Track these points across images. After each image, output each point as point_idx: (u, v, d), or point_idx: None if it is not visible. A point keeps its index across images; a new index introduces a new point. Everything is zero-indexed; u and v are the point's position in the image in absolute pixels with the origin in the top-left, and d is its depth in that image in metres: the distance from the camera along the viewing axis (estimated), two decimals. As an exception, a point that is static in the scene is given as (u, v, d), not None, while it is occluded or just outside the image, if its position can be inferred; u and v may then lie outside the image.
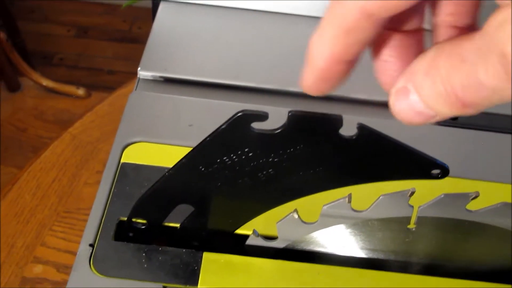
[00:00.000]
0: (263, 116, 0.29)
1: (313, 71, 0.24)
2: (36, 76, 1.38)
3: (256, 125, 0.29)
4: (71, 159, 0.78)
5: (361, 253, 0.37)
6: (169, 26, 0.54)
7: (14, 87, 1.40)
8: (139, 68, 0.50)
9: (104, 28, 1.83)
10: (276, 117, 0.29)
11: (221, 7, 0.56)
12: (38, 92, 1.40)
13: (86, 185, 0.70)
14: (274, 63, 0.52)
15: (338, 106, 0.50)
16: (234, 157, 0.31)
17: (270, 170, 0.32)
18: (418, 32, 0.23)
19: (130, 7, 1.85)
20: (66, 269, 0.61)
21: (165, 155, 0.42)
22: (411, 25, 0.23)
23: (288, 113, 0.29)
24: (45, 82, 1.37)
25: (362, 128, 0.29)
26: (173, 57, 0.51)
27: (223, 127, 0.30)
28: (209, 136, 0.30)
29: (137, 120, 0.45)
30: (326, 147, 0.31)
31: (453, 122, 0.48)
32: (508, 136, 0.46)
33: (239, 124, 0.29)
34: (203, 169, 0.32)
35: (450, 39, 0.20)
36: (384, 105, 0.49)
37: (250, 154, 0.31)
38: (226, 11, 0.56)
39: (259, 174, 0.32)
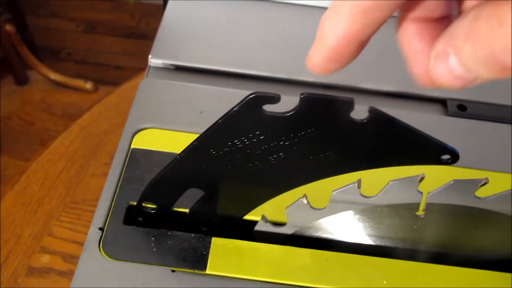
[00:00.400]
0: (275, 98, 0.29)
1: (324, 49, 0.24)
2: (44, 69, 1.39)
3: (268, 108, 0.30)
4: (79, 151, 0.78)
5: (369, 240, 0.37)
6: (181, 14, 0.54)
7: (22, 81, 1.41)
8: (150, 56, 0.50)
9: (112, 24, 1.84)
10: (287, 105, 0.29)
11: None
12: (46, 86, 1.40)
13: (94, 176, 0.71)
14: (284, 52, 0.52)
15: (349, 96, 0.50)
16: (245, 140, 0.31)
17: (280, 154, 0.32)
18: (448, 18, 0.23)
19: (138, 4, 1.86)
20: (72, 259, 0.61)
21: (175, 141, 0.43)
22: (439, 11, 0.23)
23: (300, 96, 0.29)
24: (53, 76, 1.37)
25: (373, 111, 0.29)
26: (184, 45, 0.51)
27: (235, 109, 0.30)
28: (220, 118, 0.30)
29: (147, 107, 0.45)
30: (337, 130, 0.31)
31: (462, 113, 0.48)
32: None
33: (251, 106, 0.29)
34: (214, 152, 0.32)
35: (489, 0, 0.19)
36: (394, 95, 0.49)
37: (261, 138, 0.31)
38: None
39: (270, 158, 0.32)
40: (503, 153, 0.44)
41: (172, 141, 0.43)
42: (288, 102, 0.29)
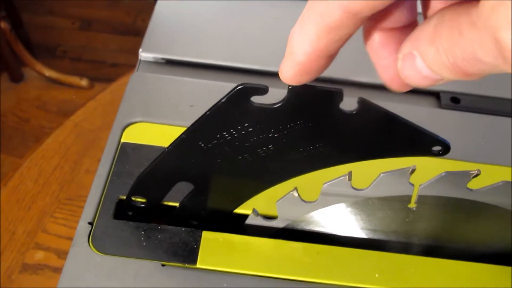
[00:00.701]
0: (263, 90, 0.28)
1: (294, 64, 0.25)
2: (40, 66, 1.38)
3: (256, 100, 0.29)
4: (73, 147, 0.78)
5: (361, 233, 0.37)
6: (171, 8, 0.54)
7: (17, 78, 1.40)
8: (140, 50, 0.49)
9: (108, 21, 1.83)
10: (278, 99, 0.29)
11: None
12: (41, 83, 1.40)
13: (88, 172, 0.71)
14: (275, 45, 0.51)
15: (346, 88, 0.49)
16: (234, 132, 0.31)
17: (270, 146, 0.32)
18: (412, 26, 0.23)
19: (134, 1, 1.85)
20: (67, 255, 0.61)
21: (165, 135, 0.42)
22: (403, 21, 0.23)
23: (288, 87, 0.28)
24: (48, 73, 1.37)
25: (362, 102, 0.29)
26: (175, 39, 0.51)
27: (222, 100, 0.29)
28: (208, 110, 0.30)
29: (138, 101, 0.45)
30: (326, 122, 0.30)
31: (455, 105, 0.47)
32: (508, 119, 0.46)
33: (239, 98, 0.29)
34: (202, 144, 0.32)
35: (451, 5, 0.19)
36: (385, 88, 0.49)
37: (250, 130, 0.31)
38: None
39: (259, 150, 0.32)
40: (496, 145, 0.44)
41: (163, 135, 0.42)
42: (279, 96, 0.29)
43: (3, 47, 1.31)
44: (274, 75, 0.50)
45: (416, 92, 0.49)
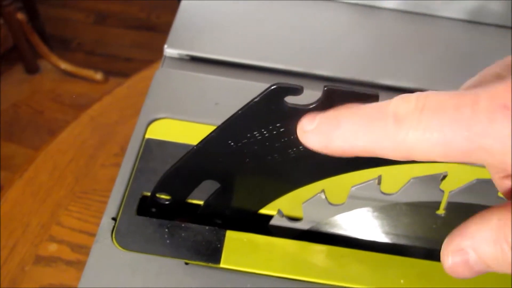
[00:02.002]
0: (298, 90, 0.28)
1: (323, 144, 0.25)
2: (55, 59, 1.38)
3: (289, 100, 0.29)
4: (89, 141, 0.78)
5: (386, 238, 0.37)
6: (197, 4, 0.53)
7: (32, 70, 1.41)
8: (165, 46, 0.49)
9: (123, 15, 1.83)
10: (304, 100, 0.28)
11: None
12: (56, 75, 1.40)
13: (103, 167, 0.70)
14: (302, 45, 0.51)
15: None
16: (265, 132, 0.31)
17: (300, 147, 0.31)
18: None
19: (148, -4, 1.85)
20: (80, 248, 0.61)
21: (190, 132, 0.42)
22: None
23: (324, 88, 0.28)
24: (64, 65, 1.37)
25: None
26: (200, 35, 0.51)
27: (256, 99, 0.29)
28: (240, 109, 0.30)
29: (162, 97, 0.45)
30: (359, 125, 0.30)
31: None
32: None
33: (273, 98, 0.29)
34: (232, 143, 0.32)
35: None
36: (414, 91, 0.49)
37: (282, 130, 0.30)
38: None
39: (289, 151, 0.32)
40: None
41: (187, 132, 0.42)
42: (308, 97, 0.29)
43: (19, 39, 1.31)
44: (300, 75, 0.50)
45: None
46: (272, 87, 0.28)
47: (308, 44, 0.51)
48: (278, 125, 0.30)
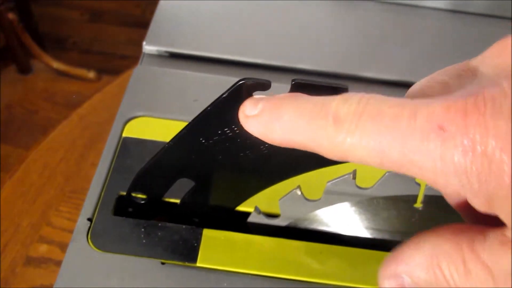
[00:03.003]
0: (265, 85, 0.28)
1: (262, 127, 0.25)
2: (47, 58, 1.38)
3: (258, 95, 0.28)
4: (79, 140, 0.78)
5: (365, 233, 0.36)
6: (176, 1, 0.53)
7: (25, 70, 1.40)
8: (144, 43, 0.49)
9: (117, 12, 1.83)
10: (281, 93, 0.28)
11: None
12: (49, 75, 1.40)
13: (93, 166, 0.70)
14: (281, 39, 0.50)
15: (351, 83, 0.48)
16: (236, 128, 0.30)
17: (272, 143, 0.31)
18: None
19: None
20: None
21: (168, 129, 0.41)
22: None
23: (292, 82, 0.28)
24: (56, 65, 1.37)
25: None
26: (179, 32, 0.50)
27: (223, 96, 0.29)
28: (209, 105, 0.29)
29: (140, 95, 0.44)
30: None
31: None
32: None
33: (241, 93, 0.28)
34: (203, 141, 0.31)
35: (452, 234, 0.20)
36: (393, 84, 0.48)
37: (252, 126, 0.30)
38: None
39: (262, 147, 0.31)
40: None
41: (165, 129, 0.42)
42: (284, 90, 0.28)
43: (11, 39, 1.31)
44: (281, 69, 0.49)
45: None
46: (239, 82, 0.28)
47: (290, 38, 0.51)
48: (248, 121, 0.30)
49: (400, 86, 0.48)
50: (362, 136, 0.20)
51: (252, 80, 0.28)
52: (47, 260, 0.61)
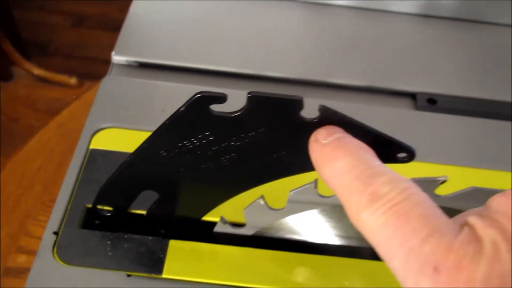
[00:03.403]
0: (221, 98, 0.28)
1: None
2: (28, 65, 1.37)
3: (216, 108, 0.28)
4: (57, 148, 0.77)
5: (330, 240, 0.36)
6: (145, 11, 0.53)
7: (6, 77, 1.39)
8: (113, 53, 0.49)
9: (100, 17, 1.82)
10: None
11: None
12: (31, 82, 1.39)
13: (72, 174, 0.70)
14: (252, 47, 0.51)
15: (321, 90, 0.49)
16: (195, 141, 0.30)
17: (232, 155, 0.31)
18: None
19: (126, -3, 1.84)
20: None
21: (136, 140, 0.41)
22: None
23: (247, 95, 0.28)
24: (37, 71, 1.36)
25: (324, 110, 0.28)
26: (148, 41, 0.50)
27: (181, 109, 0.29)
28: (168, 119, 0.29)
29: (108, 106, 0.44)
30: (288, 130, 0.30)
31: (432, 106, 0.47)
32: (485, 120, 0.45)
33: (197, 106, 0.28)
34: (164, 153, 0.31)
35: None
36: (363, 90, 0.48)
37: (211, 138, 0.30)
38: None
39: (222, 159, 0.31)
40: (472, 147, 0.43)
41: (133, 140, 0.41)
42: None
43: (-9, 46, 1.30)
44: (249, 77, 0.49)
45: (392, 93, 0.49)
46: (196, 96, 0.28)
47: (259, 46, 0.51)
48: (207, 133, 0.30)
49: (368, 92, 0.49)
50: (382, 225, 0.21)
51: (209, 93, 0.28)
52: (25, 270, 0.60)
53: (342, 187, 0.23)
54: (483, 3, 0.53)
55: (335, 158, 0.24)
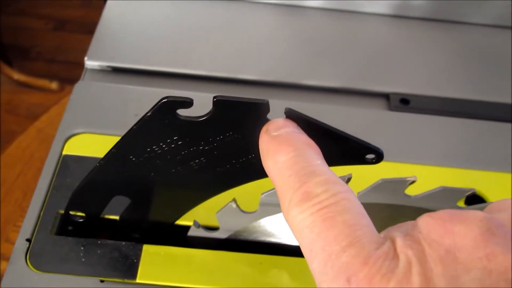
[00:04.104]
0: (187, 103, 0.28)
1: None
2: (8, 70, 1.36)
3: (183, 112, 0.29)
4: (37, 153, 0.77)
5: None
6: (117, 16, 0.53)
7: (-14, 82, 1.38)
8: (86, 58, 0.48)
9: (82, 21, 1.81)
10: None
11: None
12: (11, 87, 1.38)
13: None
14: (225, 50, 0.51)
15: (295, 92, 0.49)
16: (164, 146, 0.30)
17: (202, 159, 0.31)
18: None
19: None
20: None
21: (109, 146, 0.41)
22: None
23: (213, 99, 0.28)
24: (17, 76, 1.35)
25: (289, 112, 0.28)
26: (121, 46, 0.50)
27: (148, 114, 0.29)
28: (135, 124, 0.29)
29: (81, 111, 0.44)
30: (256, 133, 0.30)
31: (405, 106, 0.47)
32: (458, 120, 0.46)
33: (164, 111, 0.28)
34: (134, 159, 0.31)
35: None
36: (336, 91, 0.49)
37: (180, 143, 0.30)
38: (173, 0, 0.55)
39: (192, 163, 0.31)
40: (444, 146, 0.43)
41: (106, 146, 0.41)
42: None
43: (-30, 51, 1.29)
44: (223, 80, 0.49)
45: (365, 94, 0.49)
46: (162, 101, 0.28)
47: (232, 48, 0.51)
48: (175, 138, 0.30)
49: (341, 93, 0.49)
50: (308, 226, 0.21)
51: (174, 98, 0.28)
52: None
53: (281, 181, 0.23)
54: (455, 3, 0.54)
55: (279, 151, 0.24)
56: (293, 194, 0.22)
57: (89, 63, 0.48)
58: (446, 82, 0.49)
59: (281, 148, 0.24)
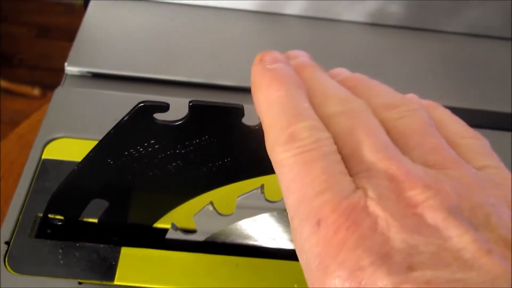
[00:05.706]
0: (163, 107, 0.28)
1: None
2: (-10, 77, 1.36)
3: (160, 117, 0.29)
4: (18, 159, 0.77)
5: (279, 244, 0.37)
6: (98, 22, 0.53)
7: (-32, 89, 1.38)
8: (66, 63, 0.49)
9: (65, 27, 1.80)
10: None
11: (150, 1, 0.56)
12: (-7, 93, 1.38)
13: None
14: (205, 56, 0.51)
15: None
16: (141, 149, 0.31)
17: (179, 162, 0.32)
18: None
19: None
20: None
21: (87, 150, 0.42)
22: None
23: (189, 104, 0.29)
24: (-1, 83, 1.35)
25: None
26: (101, 52, 0.51)
27: (125, 118, 0.29)
28: (112, 128, 0.30)
29: (61, 116, 0.44)
30: (231, 137, 0.30)
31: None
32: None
33: (140, 116, 0.29)
34: (111, 162, 0.32)
35: None
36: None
37: (157, 146, 0.31)
38: (155, 6, 0.56)
39: (169, 166, 0.32)
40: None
41: (85, 150, 0.41)
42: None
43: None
44: (202, 86, 0.50)
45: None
46: (138, 106, 0.29)
47: (212, 54, 0.51)
48: (152, 141, 0.31)
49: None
50: (289, 165, 0.21)
51: (151, 103, 0.28)
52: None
53: (269, 117, 0.24)
54: (430, 12, 0.55)
55: (272, 87, 0.24)
56: (281, 133, 0.22)
57: (69, 68, 0.49)
58: (422, 89, 0.50)
59: (274, 83, 0.24)
